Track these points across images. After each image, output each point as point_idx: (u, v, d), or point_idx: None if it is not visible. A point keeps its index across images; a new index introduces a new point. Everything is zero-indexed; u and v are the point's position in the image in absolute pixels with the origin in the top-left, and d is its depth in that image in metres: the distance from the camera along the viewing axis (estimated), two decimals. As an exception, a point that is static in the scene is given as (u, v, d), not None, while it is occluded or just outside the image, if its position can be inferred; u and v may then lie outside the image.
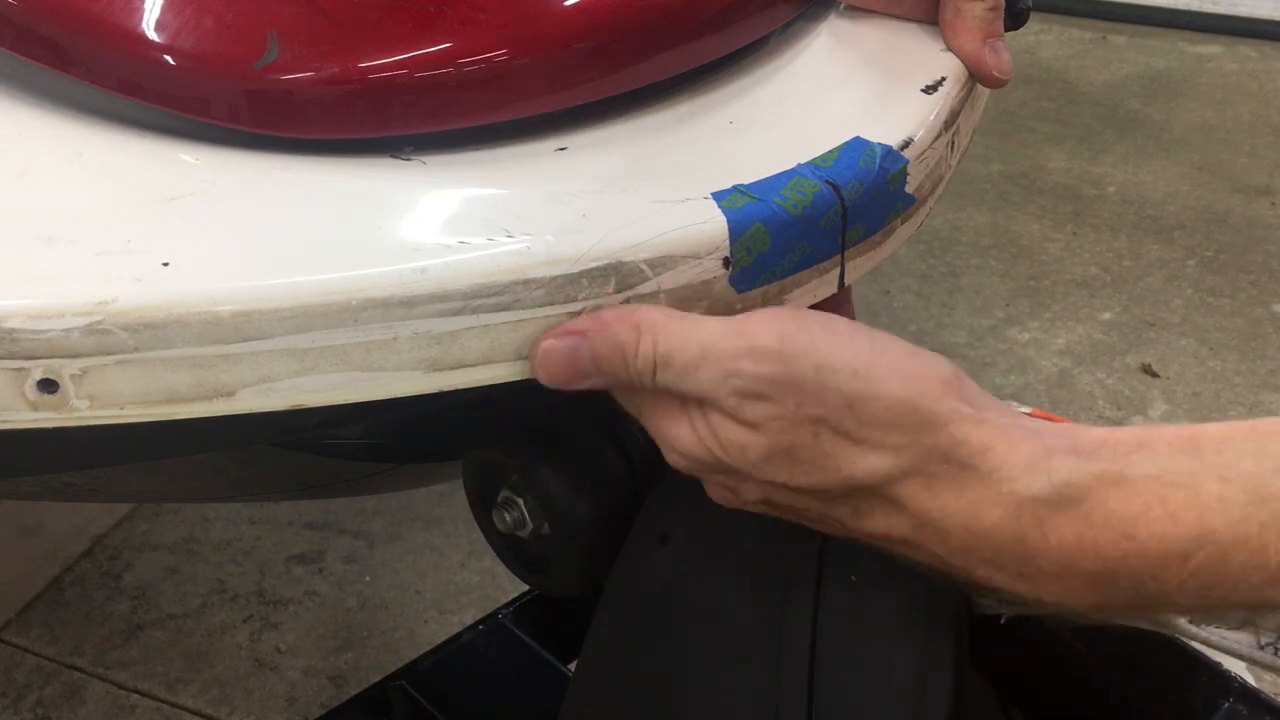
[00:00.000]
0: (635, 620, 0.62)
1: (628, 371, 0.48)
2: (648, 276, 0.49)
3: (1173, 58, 2.75)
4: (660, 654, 0.60)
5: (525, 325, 0.48)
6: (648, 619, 0.61)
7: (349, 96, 0.51)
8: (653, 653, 0.61)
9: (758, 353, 0.46)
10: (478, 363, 0.49)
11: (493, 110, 0.53)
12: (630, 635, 0.62)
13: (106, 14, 0.51)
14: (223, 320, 0.45)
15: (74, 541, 1.55)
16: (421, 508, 1.58)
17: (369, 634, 1.43)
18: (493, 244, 0.48)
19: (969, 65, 0.63)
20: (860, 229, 0.55)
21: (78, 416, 0.46)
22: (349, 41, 0.51)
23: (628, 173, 0.53)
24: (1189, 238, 2.09)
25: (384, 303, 0.46)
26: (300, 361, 0.47)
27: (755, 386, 0.46)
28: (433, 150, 0.53)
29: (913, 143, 0.57)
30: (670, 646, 0.60)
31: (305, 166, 0.52)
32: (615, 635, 0.62)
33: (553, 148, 0.55)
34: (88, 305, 0.44)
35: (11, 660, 1.40)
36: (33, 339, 0.44)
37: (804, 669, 0.57)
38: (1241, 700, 0.65)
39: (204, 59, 0.51)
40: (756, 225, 0.51)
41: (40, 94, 0.55)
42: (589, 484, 0.62)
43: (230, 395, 0.47)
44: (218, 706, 1.35)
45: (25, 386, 0.45)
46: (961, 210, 2.15)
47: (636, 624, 0.62)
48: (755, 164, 0.53)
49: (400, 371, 0.48)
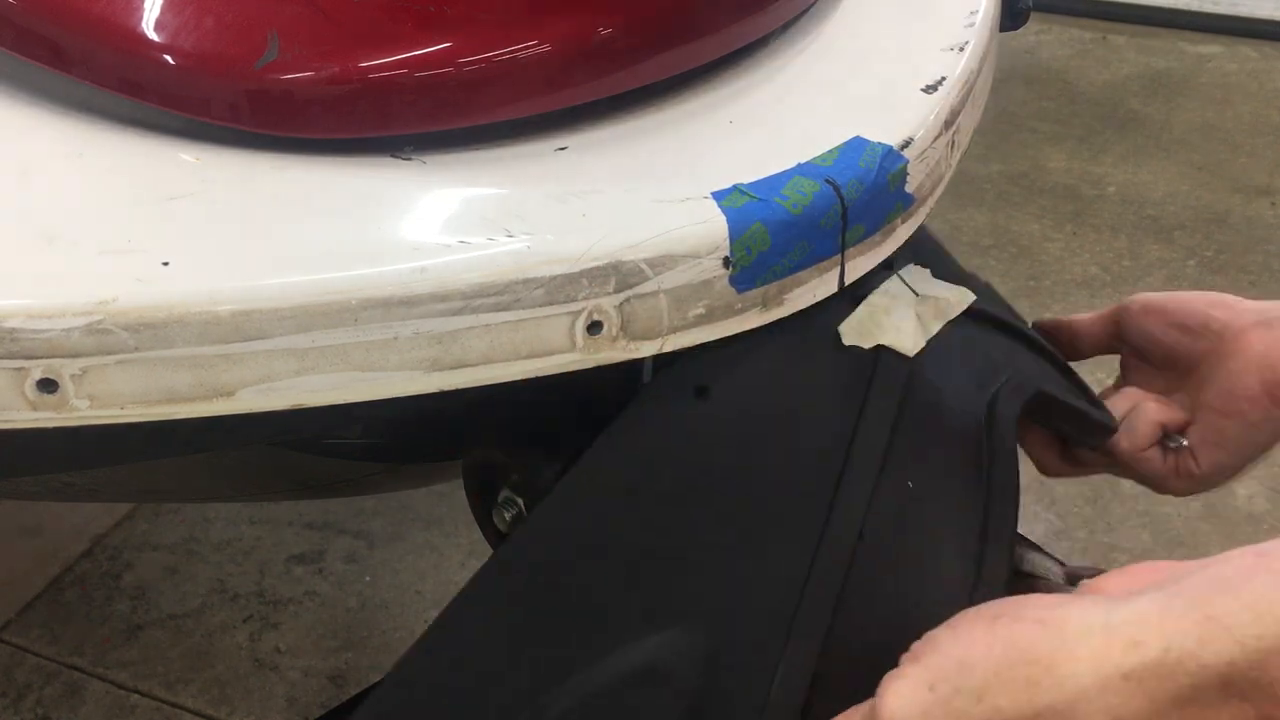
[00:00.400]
0: (647, 477, 0.55)
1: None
2: (648, 276, 0.49)
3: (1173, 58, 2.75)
4: (673, 518, 0.55)
5: (525, 325, 0.48)
6: (665, 477, 0.55)
7: (349, 96, 0.51)
8: (664, 514, 0.55)
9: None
10: (478, 362, 0.49)
11: (492, 110, 0.53)
12: (636, 493, 0.55)
13: (107, 14, 0.51)
14: (223, 320, 0.45)
15: (74, 541, 1.55)
16: (421, 508, 1.58)
17: (369, 634, 1.43)
18: (493, 243, 0.48)
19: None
20: (860, 228, 0.55)
21: (78, 416, 0.46)
22: (349, 41, 0.51)
23: (628, 172, 0.53)
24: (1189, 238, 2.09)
25: (384, 302, 0.46)
26: (300, 361, 0.47)
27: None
28: (433, 150, 0.53)
29: (913, 142, 0.57)
30: (688, 511, 0.55)
31: (305, 166, 0.52)
32: (614, 491, 0.55)
33: (553, 147, 0.55)
34: (88, 305, 0.44)
35: (11, 660, 1.40)
36: (33, 338, 0.44)
37: (845, 556, 0.54)
38: (1241, 700, 0.64)
39: (204, 59, 0.51)
40: (756, 225, 0.51)
41: (40, 94, 0.55)
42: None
43: (230, 395, 0.47)
44: (218, 706, 1.35)
45: (25, 386, 0.45)
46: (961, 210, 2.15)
47: (648, 481, 0.55)
48: (755, 164, 0.53)
49: (400, 371, 0.48)
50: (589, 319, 0.49)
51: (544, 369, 0.50)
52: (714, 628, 0.53)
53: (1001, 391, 0.63)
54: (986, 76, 0.68)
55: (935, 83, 0.61)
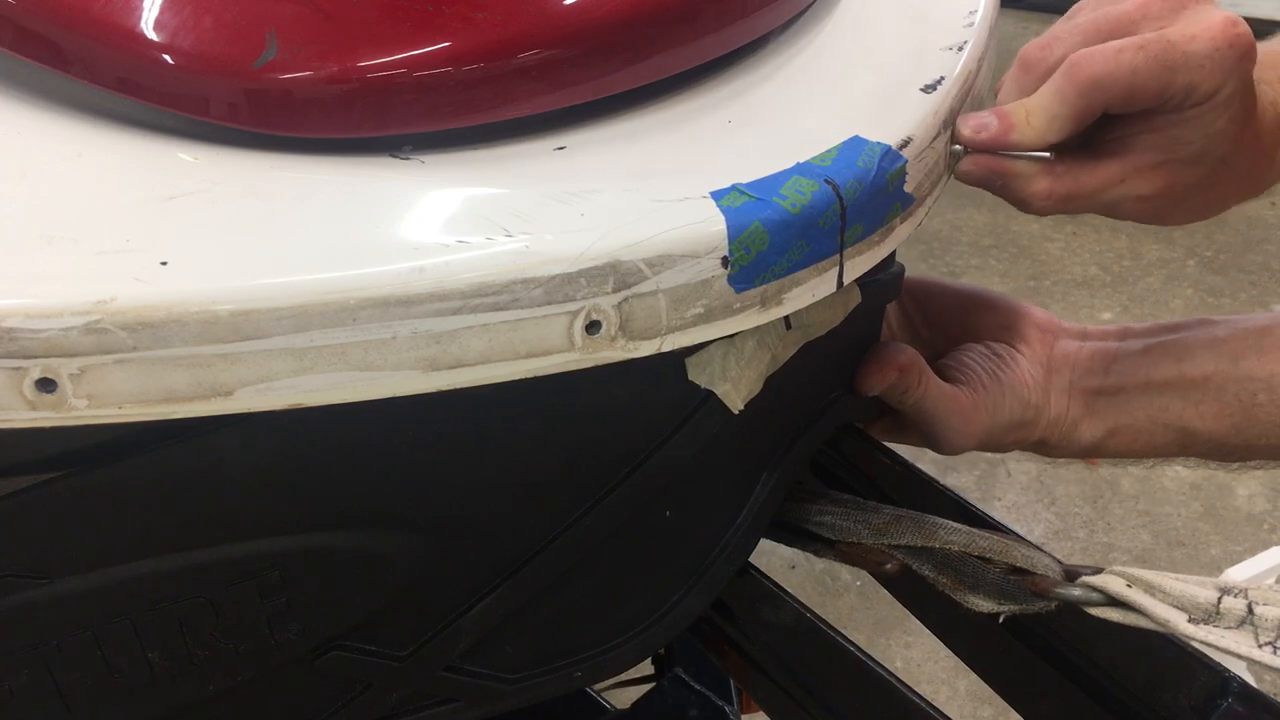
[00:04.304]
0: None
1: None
2: (646, 276, 0.49)
3: (1173, 58, 2.76)
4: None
5: (524, 324, 0.48)
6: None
7: (348, 95, 0.51)
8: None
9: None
10: (476, 362, 0.49)
11: (492, 109, 0.53)
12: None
13: (105, 13, 0.51)
14: (221, 319, 0.45)
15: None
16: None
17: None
18: (491, 243, 0.48)
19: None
20: (859, 228, 0.55)
21: (76, 416, 0.46)
22: (348, 40, 0.51)
23: (627, 172, 0.53)
24: (1189, 238, 2.09)
25: (382, 302, 0.46)
26: (299, 361, 0.47)
27: None
28: (431, 149, 0.53)
29: (912, 142, 0.57)
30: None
31: (304, 165, 0.52)
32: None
33: (551, 147, 0.55)
34: (86, 304, 0.44)
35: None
36: (31, 338, 0.44)
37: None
38: (1240, 700, 0.64)
39: (202, 58, 0.51)
40: (755, 224, 0.51)
41: (40, 94, 0.55)
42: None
43: (229, 395, 0.47)
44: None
45: (24, 386, 0.45)
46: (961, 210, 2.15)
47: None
48: (754, 163, 0.53)
49: (399, 371, 0.48)
50: (587, 319, 0.49)
51: (542, 368, 0.50)
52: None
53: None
54: (986, 76, 0.68)
55: (934, 82, 0.61)
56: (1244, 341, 0.72)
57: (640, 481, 0.60)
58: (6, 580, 0.53)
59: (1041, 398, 0.76)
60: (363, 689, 0.62)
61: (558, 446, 0.58)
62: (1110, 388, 0.75)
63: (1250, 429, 0.71)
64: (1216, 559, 2.06)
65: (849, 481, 0.81)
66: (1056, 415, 0.76)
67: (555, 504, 0.60)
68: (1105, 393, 0.76)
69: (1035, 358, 0.77)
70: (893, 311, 0.82)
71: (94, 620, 0.55)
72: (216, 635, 0.56)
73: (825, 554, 0.74)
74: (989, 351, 0.78)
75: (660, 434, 0.60)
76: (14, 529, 0.52)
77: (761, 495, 0.68)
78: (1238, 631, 0.59)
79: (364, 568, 0.57)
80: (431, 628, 0.61)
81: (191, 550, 0.54)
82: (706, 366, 0.59)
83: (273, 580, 0.56)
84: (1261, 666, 0.58)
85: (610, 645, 0.67)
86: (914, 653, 2.04)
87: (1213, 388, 0.72)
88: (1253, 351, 0.72)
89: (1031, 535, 0.60)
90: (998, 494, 2.14)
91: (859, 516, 0.72)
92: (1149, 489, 1.90)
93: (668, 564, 0.66)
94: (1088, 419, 0.76)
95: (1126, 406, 0.75)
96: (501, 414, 0.56)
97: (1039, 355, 0.78)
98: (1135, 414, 0.75)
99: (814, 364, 0.65)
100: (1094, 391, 0.76)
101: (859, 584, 2.17)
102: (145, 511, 0.53)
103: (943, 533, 0.68)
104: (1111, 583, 0.63)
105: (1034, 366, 0.77)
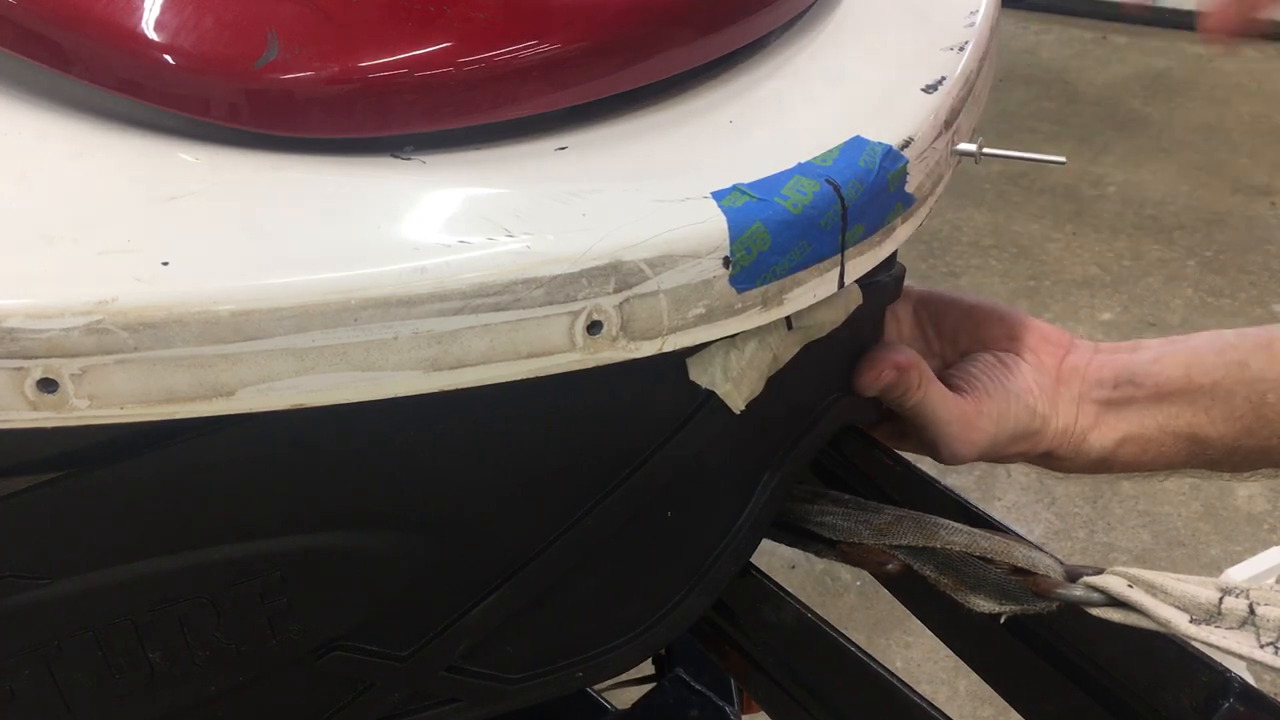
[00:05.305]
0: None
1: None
2: (647, 276, 0.49)
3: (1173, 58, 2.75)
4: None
5: (525, 324, 0.48)
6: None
7: (349, 96, 0.51)
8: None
9: None
10: (477, 362, 0.49)
11: (493, 109, 0.53)
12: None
13: (106, 13, 0.51)
14: (222, 320, 0.45)
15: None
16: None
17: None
18: (492, 243, 0.48)
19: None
20: (860, 228, 0.55)
21: (77, 416, 0.46)
22: (349, 40, 0.51)
23: (628, 172, 0.53)
24: (1189, 238, 2.09)
25: (384, 302, 0.46)
26: (300, 361, 0.47)
27: None
28: (432, 149, 0.53)
29: (913, 142, 0.57)
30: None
31: (305, 166, 0.52)
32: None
33: (553, 147, 0.55)
34: (87, 304, 0.44)
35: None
36: (32, 338, 0.44)
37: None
38: (1241, 700, 0.64)
39: (203, 58, 0.51)
40: (756, 225, 0.51)
41: (40, 94, 0.55)
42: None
43: (230, 395, 0.47)
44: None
45: (25, 386, 0.45)
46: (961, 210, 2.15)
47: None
48: (755, 163, 0.53)
49: (400, 371, 0.48)
50: (589, 319, 0.49)
51: (543, 369, 0.50)
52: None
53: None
54: (986, 76, 0.68)
55: (935, 82, 0.61)
56: (1252, 346, 0.72)
57: (641, 482, 0.60)
58: (7, 580, 0.53)
59: (1049, 407, 0.76)
60: (364, 689, 0.62)
61: (559, 447, 0.58)
62: (1120, 398, 0.75)
63: (1261, 430, 0.72)
64: (1216, 559, 2.07)
65: (850, 482, 0.81)
66: (1065, 425, 0.76)
67: (557, 504, 0.60)
68: (1115, 403, 0.76)
69: (1044, 368, 0.77)
70: (906, 323, 0.82)
71: (95, 620, 0.55)
72: (217, 635, 0.56)
73: (826, 554, 0.74)
74: (996, 361, 0.78)
75: (662, 434, 0.60)
76: (15, 529, 0.52)
77: (763, 496, 0.68)
78: (1239, 632, 0.59)
79: (365, 568, 0.57)
80: (433, 628, 0.61)
81: (192, 550, 0.54)
82: (708, 367, 0.59)
83: (274, 580, 0.56)
84: (1262, 667, 0.58)
85: (611, 645, 0.67)
86: (914, 653, 2.04)
87: (1222, 392, 0.72)
88: (1261, 354, 0.72)
89: (1031, 535, 0.60)
90: (998, 494, 2.14)
91: (860, 517, 0.72)
92: (1149, 489, 1.90)
93: (669, 564, 0.66)
94: (1097, 429, 0.76)
95: (1136, 416, 0.75)
96: (503, 414, 0.56)
97: (1048, 366, 0.77)
98: (1145, 423, 0.75)
99: (815, 365, 0.65)
100: (1104, 402, 0.76)
101: (859, 584, 2.17)
102: (146, 511, 0.53)
103: (944, 533, 0.68)
104: (1113, 583, 0.63)
105: (1042, 376, 0.77)
